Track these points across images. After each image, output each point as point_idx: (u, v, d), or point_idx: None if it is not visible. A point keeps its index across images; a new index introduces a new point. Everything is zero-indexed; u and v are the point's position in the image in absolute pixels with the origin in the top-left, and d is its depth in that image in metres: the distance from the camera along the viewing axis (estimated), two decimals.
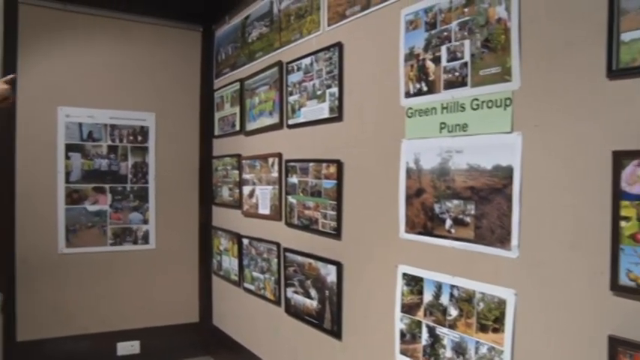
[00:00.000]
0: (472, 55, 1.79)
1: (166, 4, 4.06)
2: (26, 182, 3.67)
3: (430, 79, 1.97)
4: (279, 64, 3.04)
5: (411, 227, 2.08)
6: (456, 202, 1.87)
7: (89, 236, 3.89)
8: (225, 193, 3.83)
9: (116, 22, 3.94)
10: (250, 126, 3.43)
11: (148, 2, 3.99)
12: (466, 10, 1.82)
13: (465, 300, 1.82)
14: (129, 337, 4.02)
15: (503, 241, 1.67)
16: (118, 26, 3.95)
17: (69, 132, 3.81)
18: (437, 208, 1.95)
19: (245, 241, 3.50)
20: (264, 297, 3.28)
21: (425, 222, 2.01)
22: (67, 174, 3.81)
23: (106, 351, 3.95)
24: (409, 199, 2.08)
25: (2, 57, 3.65)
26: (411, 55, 2.07)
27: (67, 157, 3.81)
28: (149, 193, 4.06)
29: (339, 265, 2.53)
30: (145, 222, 4.05)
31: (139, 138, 4.02)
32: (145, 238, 4.06)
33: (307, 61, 2.76)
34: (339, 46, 2.52)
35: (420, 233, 2.03)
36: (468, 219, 1.82)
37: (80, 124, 3.84)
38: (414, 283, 2.06)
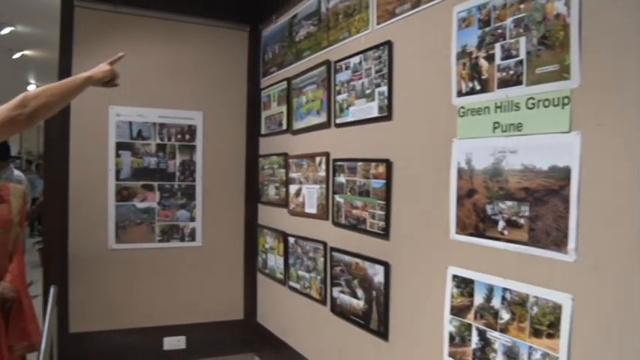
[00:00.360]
0: (528, 53, 1.74)
1: (214, 5, 4.11)
2: (79, 179, 3.78)
3: (483, 77, 1.93)
4: (327, 63, 3.04)
5: (461, 228, 2.05)
6: (509, 203, 1.82)
7: (138, 233, 3.97)
8: (271, 191, 3.85)
9: (165, 22, 4.01)
10: (297, 125, 3.43)
11: (196, 3, 4.05)
12: (522, 6, 1.77)
13: (517, 303, 1.78)
14: (175, 332, 4.09)
15: (560, 244, 1.62)
16: (168, 27, 4.02)
17: (119, 130, 3.90)
18: (489, 209, 1.91)
19: (291, 240, 3.51)
20: (309, 296, 3.28)
21: (476, 223, 1.97)
22: (118, 171, 3.91)
23: (153, 345, 4.02)
24: (460, 199, 2.05)
25: (58, 57, 3.78)
26: (463, 54, 2.03)
27: (118, 155, 3.91)
28: (196, 191, 4.12)
29: (386, 266, 2.51)
30: (192, 219, 4.11)
31: (187, 136, 4.08)
32: (192, 236, 4.12)
33: (356, 59, 2.74)
34: (388, 44, 2.49)
35: (471, 234, 2.00)
36: (521, 221, 1.77)
37: (130, 123, 3.93)
38: (465, 285, 2.02)
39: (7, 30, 5.95)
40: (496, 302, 1.87)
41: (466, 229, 2.02)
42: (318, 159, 3.13)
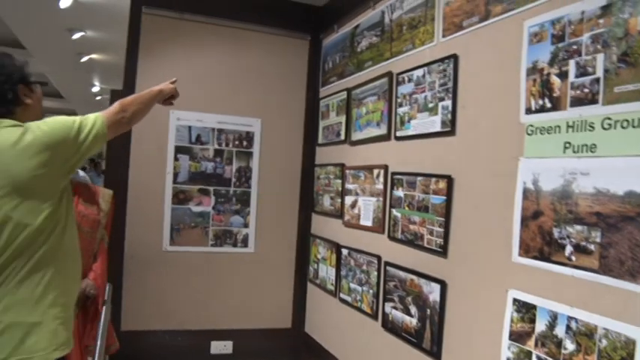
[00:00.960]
0: (606, 71, 1.66)
1: (277, 14, 4.13)
2: (137, 181, 3.86)
3: (555, 95, 1.85)
4: (389, 74, 3.00)
5: (525, 251, 1.97)
6: (578, 227, 1.74)
7: (192, 236, 4.02)
8: (326, 201, 3.83)
9: (228, 30, 4.06)
10: (356, 136, 3.40)
11: (259, 11, 4.08)
12: (601, 21, 1.69)
13: (584, 334, 1.68)
14: (222, 336, 4.11)
15: (635, 274, 1.53)
16: (230, 34, 4.07)
17: (179, 134, 3.97)
18: (556, 232, 1.82)
19: (344, 252, 3.48)
20: (360, 309, 3.24)
21: (542, 246, 1.88)
22: (175, 175, 3.97)
23: (201, 348, 4.06)
24: (525, 221, 1.97)
25: (125, 61, 3.88)
26: (534, 70, 1.96)
27: (176, 159, 3.97)
28: (251, 198, 4.14)
29: (443, 284, 2.44)
30: (246, 225, 4.13)
31: (245, 143, 4.11)
32: (245, 242, 4.14)
33: (419, 72, 2.69)
34: (454, 57, 2.44)
35: (535, 258, 1.91)
36: (592, 247, 1.68)
37: (190, 128, 3.99)
38: (526, 310, 1.94)
39: (78, 35, 6.17)
40: (560, 331, 1.78)
41: (530, 251, 1.94)
42: (376, 171, 3.09)
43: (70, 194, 1.82)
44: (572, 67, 1.79)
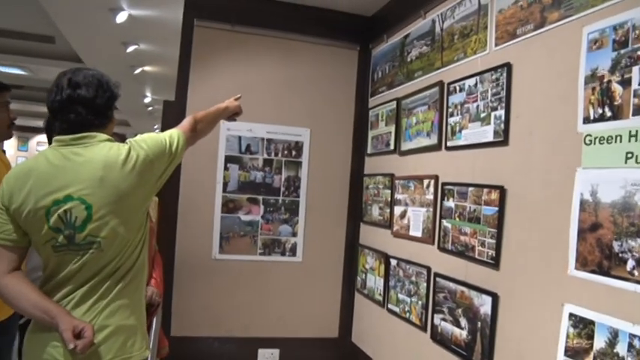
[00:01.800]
0: None
1: (326, 24, 4.14)
2: (188, 190, 3.93)
3: (616, 103, 1.79)
4: (440, 84, 2.97)
5: (582, 264, 1.90)
6: None
7: (241, 244, 4.06)
8: (374, 211, 3.81)
9: (278, 41, 4.10)
10: (406, 146, 3.38)
11: (309, 22, 4.10)
12: None
13: None
14: (270, 345, 4.12)
15: None
16: (280, 45, 4.11)
17: (229, 144, 4.02)
18: (616, 246, 1.76)
19: (393, 262, 3.44)
20: (409, 320, 3.20)
21: (600, 260, 1.82)
22: (225, 184, 4.02)
23: (248, 356, 4.07)
24: (582, 233, 1.91)
25: (177, 72, 3.97)
26: (593, 77, 1.90)
27: (226, 168, 4.02)
28: (300, 207, 4.15)
29: (494, 297, 2.39)
30: (294, 235, 4.15)
31: (294, 153, 4.13)
32: (293, 251, 4.15)
33: (471, 81, 2.66)
34: (507, 66, 2.39)
35: (593, 272, 1.85)
36: None
37: (240, 137, 4.04)
38: (583, 325, 1.87)
39: (131, 48, 6.35)
40: (621, 349, 1.71)
41: (588, 265, 1.88)
42: (426, 181, 3.05)
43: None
44: (635, 75, 1.73)
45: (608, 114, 1.83)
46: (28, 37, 6.96)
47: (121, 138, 3.57)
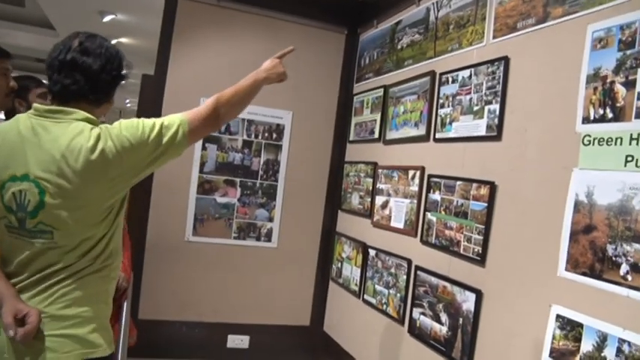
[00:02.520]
0: None
1: (314, 5, 4.04)
2: (163, 168, 3.76)
3: (618, 105, 1.76)
4: (432, 74, 2.91)
5: (573, 266, 1.88)
6: (637, 246, 1.65)
7: (215, 227, 3.96)
8: (354, 200, 3.75)
9: (264, 19, 3.99)
10: (391, 135, 3.32)
11: (296, 2, 4.00)
12: None
13: (637, 359, 1.60)
14: (239, 330, 4.06)
15: None
16: (266, 24, 3.99)
17: None
18: (610, 249, 1.73)
19: (372, 252, 3.40)
20: (385, 312, 3.16)
21: (592, 263, 1.80)
22: (202, 164, 3.91)
23: (217, 341, 4.01)
24: (575, 234, 1.88)
25: (158, 45, 3.83)
26: (595, 77, 1.86)
27: (204, 148, 3.91)
28: (277, 192, 4.07)
29: (478, 293, 2.36)
30: (270, 220, 4.07)
31: (274, 135, 4.04)
32: (268, 236, 4.08)
33: (465, 73, 2.60)
34: (504, 60, 2.34)
35: (584, 274, 1.83)
36: None
37: None
38: (571, 327, 1.85)
39: (108, 18, 6.13)
40: (609, 353, 1.69)
41: (579, 267, 1.85)
42: (411, 172, 3.00)
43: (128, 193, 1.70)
44: None
45: (610, 115, 1.79)
46: None
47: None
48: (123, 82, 1.69)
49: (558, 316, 1.91)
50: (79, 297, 1.54)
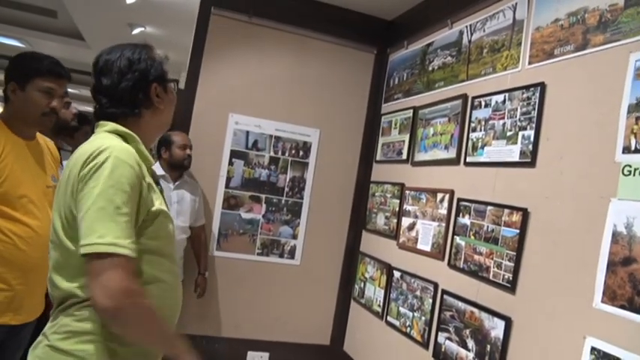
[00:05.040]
0: None
1: (345, 25, 4.06)
2: None
3: None
4: (464, 97, 2.89)
5: (610, 298, 1.84)
6: None
7: (239, 243, 3.96)
8: (380, 220, 3.73)
9: (294, 37, 4.02)
10: (420, 157, 3.30)
11: (327, 21, 4.02)
12: None
13: None
14: (259, 347, 4.03)
15: None
16: (296, 41, 4.02)
17: (236, 139, 3.92)
18: None
19: (396, 274, 3.37)
20: (409, 335, 3.12)
21: (631, 296, 1.76)
22: (228, 179, 3.92)
23: (237, 357, 3.98)
24: (612, 266, 1.84)
25: (189, 59, 3.87)
26: (637, 106, 1.84)
27: (231, 163, 3.92)
28: (302, 209, 4.06)
29: (508, 321, 2.32)
30: (294, 237, 4.06)
31: (301, 153, 4.05)
32: (292, 253, 4.07)
33: (499, 98, 2.58)
34: (541, 86, 2.32)
35: (622, 307, 1.79)
36: None
37: (247, 132, 3.94)
38: None
39: (137, 30, 6.21)
40: None
41: (616, 300, 1.81)
42: (440, 195, 2.98)
43: None
44: None
45: None
46: (30, 9, 6.79)
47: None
48: (156, 81, 1.57)
49: (593, 349, 1.87)
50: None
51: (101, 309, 1.28)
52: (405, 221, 3.34)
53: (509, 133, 2.48)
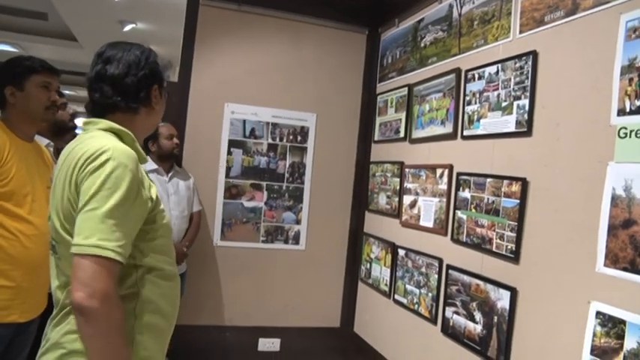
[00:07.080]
0: None
1: (334, 7, 4.05)
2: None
3: None
4: (457, 71, 2.88)
5: (612, 261, 1.84)
6: None
7: (243, 231, 3.98)
8: (382, 200, 3.73)
9: (285, 22, 4.00)
10: (417, 134, 3.29)
11: (317, 4, 4.00)
12: None
13: None
14: (270, 334, 4.06)
15: None
16: (287, 27, 4.01)
17: (233, 128, 3.92)
18: None
19: (401, 252, 3.38)
20: (417, 312, 3.14)
21: (633, 258, 1.76)
22: (228, 169, 3.92)
23: (248, 345, 4.01)
24: (613, 229, 1.85)
25: (181, 52, 3.85)
26: (630, 68, 1.83)
27: (229, 153, 3.92)
28: (304, 194, 4.07)
29: (513, 291, 2.33)
30: (298, 222, 4.07)
31: (299, 138, 4.04)
32: (296, 239, 4.08)
33: (492, 69, 2.57)
34: (533, 54, 2.31)
35: (625, 269, 1.79)
36: None
37: (244, 121, 3.94)
38: (612, 324, 1.82)
39: (128, 27, 6.19)
40: None
41: (618, 262, 1.82)
42: (439, 171, 2.98)
43: None
44: None
45: None
46: (19, 13, 6.77)
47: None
48: (157, 83, 1.60)
49: (598, 313, 1.88)
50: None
51: (76, 306, 1.25)
52: (407, 199, 3.34)
53: (504, 104, 2.47)
